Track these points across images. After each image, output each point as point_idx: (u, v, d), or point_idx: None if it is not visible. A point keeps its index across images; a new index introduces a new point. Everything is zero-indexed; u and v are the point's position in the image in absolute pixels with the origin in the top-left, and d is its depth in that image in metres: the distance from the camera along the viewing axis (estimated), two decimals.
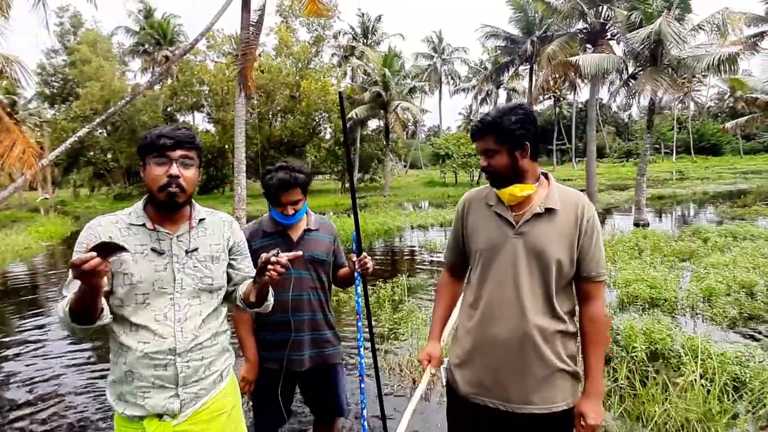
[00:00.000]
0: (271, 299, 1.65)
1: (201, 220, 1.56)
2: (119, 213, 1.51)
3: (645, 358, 3.80)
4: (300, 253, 1.54)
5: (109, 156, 39.80)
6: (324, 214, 17.38)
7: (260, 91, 33.09)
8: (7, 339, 5.70)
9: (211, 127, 37.94)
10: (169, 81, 36.19)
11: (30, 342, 5.48)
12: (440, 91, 55.56)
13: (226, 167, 34.41)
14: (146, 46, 39.38)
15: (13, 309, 7.15)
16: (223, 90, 32.07)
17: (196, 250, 1.51)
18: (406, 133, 34.46)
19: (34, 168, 9.12)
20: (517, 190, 1.64)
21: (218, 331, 1.57)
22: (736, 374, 3.43)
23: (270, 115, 34.53)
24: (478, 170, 38.11)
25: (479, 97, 42.98)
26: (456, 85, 49.96)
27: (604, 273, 1.67)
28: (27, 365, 4.80)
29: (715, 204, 17.20)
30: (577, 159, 62.80)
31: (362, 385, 2.28)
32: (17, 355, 5.11)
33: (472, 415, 1.69)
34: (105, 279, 1.19)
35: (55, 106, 41.23)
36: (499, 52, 26.44)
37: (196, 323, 1.47)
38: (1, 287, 8.82)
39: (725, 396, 3.18)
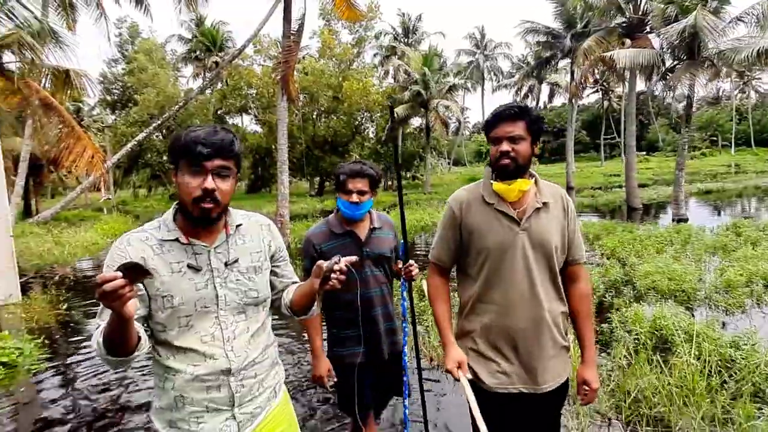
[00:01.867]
0: (316, 306, 1.56)
1: (238, 226, 1.45)
2: (147, 227, 1.38)
3: (648, 342, 4.09)
4: (355, 258, 1.44)
5: (165, 158, 41.99)
6: None
7: (304, 93, 34.10)
8: (83, 338, 6.52)
9: (258, 129, 39.39)
10: (219, 85, 37.77)
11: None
12: (483, 87, 55.15)
13: (273, 167, 35.63)
14: (197, 53, 41.27)
15: (80, 299, 8.06)
16: (269, 92, 33.21)
17: (236, 261, 1.40)
18: (449, 131, 34.50)
19: (100, 170, 10.11)
20: (524, 185, 1.74)
21: (267, 344, 1.50)
22: (730, 356, 3.68)
23: (314, 116, 35.48)
24: None
25: (521, 93, 42.39)
26: (498, 82, 49.50)
27: (585, 255, 1.88)
28: (89, 369, 5.03)
29: (764, 199, 16.57)
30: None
31: (406, 379, 2.37)
32: (91, 354, 5.87)
33: (500, 405, 1.74)
34: (133, 303, 1.07)
35: (116, 112, 43.93)
36: (539, 47, 26.19)
37: (246, 340, 1.39)
38: (73, 279, 9.85)
39: (716, 375, 3.45)
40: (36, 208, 27.24)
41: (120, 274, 0.99)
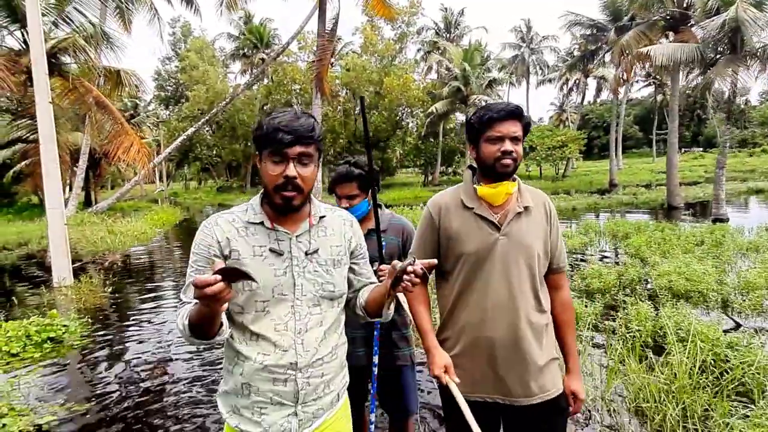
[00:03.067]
0: (392, 310, 1.46)
1: (321, 217, 1.45)
2: (235, 210, 1.41)
3: (648, 339, 4.13)
4: (434, 261, 1.41)
5: (213, 152, 43.66)
6: (400, 206, 18.16)
7: (346, 89, 34.61)
8: (127, 319, 7.08)
9: None
10: (265, 81, 38.87)
11: (145, 322, 6.72)
12: (528, 81, 53.99)
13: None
14: (245, 50, 42.54)
15: (126, 284, 8.70)
16: (311, 88, 33.96)
17: (316, 251, 1.39)
18: None
19: (145, 164, 10.81)
20: (510, 187, 1.69)
21: (338, 343, 1.46)
22: (725, 355, 3.68)
23: (355, 111, 35.97)
24: (564, 163, 36.90)
25: (566, 88, 41.26)
26: (544, 76, 48.31)
27: (567, 263, 1.84)
28: (141, 346, 5.39)
29: None
30: (683, 149, 57.75)
31: (374, 373, 2.19)
32: (133, 334, 6.41)
33: (473, 412, 1.63)
34: (224, 305, 1.09)
35: (169, 107, 46.06)
36: (583, 40, 25.50)
37: (318, 335, 1.36)
38: (121, 265, 10.60)
39: (708, 373, 3.48)
40: (95, 198, 29.04)
41: (219, 277, 1.00)
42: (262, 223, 1.36)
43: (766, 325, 4.88)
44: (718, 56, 12.24)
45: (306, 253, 1.37)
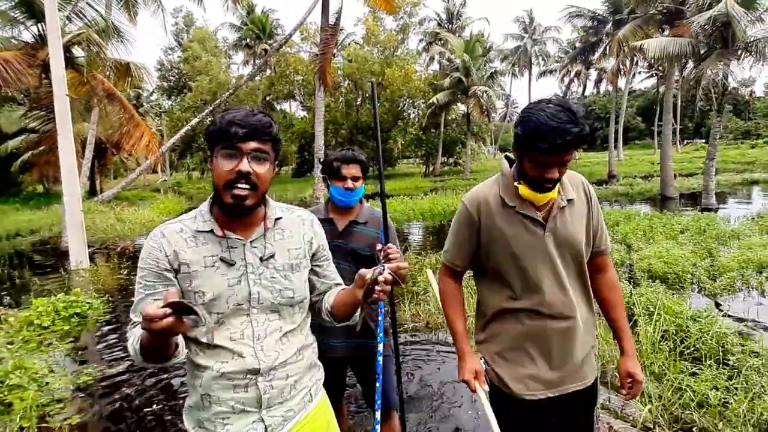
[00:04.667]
0: (359, 312, 1.39)
1: (277, 219, 1.37)
2: (184, 218, 1.33)
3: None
4: (406, 264, 1.37)
5: None
6: (401, 196, 18.57)
7: (348, 80, 34.88)
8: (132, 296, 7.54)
9: (305, 114, 40.58)
10: (268, 72, 39.08)
11: None
12: (530, 72, 54.14)
13: (319, 152, 36.77)
14: (248, 40, 42.67)
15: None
16: (314, 79, 34.23)
17: (272, 256, 1.33)
18: (491, 118, 34.40)
19: (156, 154, 11.24)
20: (554, 192, 1.62)
21: (303, 344, 1.40)
22: (687, 326, 4.13)
23: (357, 102, 36.24)
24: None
25: (566, 79, 41.46)
26: (546, 67, 48.48)
27: (609, 245, 1.80)
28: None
29: None
30: (685, 141, 57.67)
31: (378, 385, 2.10)
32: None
33: (527, 413, 1.65)
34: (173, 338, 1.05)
35: (172, 97, 46.29)
36: (584, 32, 25.75)
37: (277, 339, 1.31)
38: (132, 250, 11.06)
39: (670, 341, 3.93)
40: (100, 187, 29.48)
41: (169, 310, 0.97)
42: (212, 231, 1.28)
43: (743, 305, 5.33)
44: (710, 50, 12.57)
45: (261, 259, 1.30)
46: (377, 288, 1.23)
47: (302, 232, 1.42)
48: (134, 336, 1.19)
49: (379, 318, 2.17)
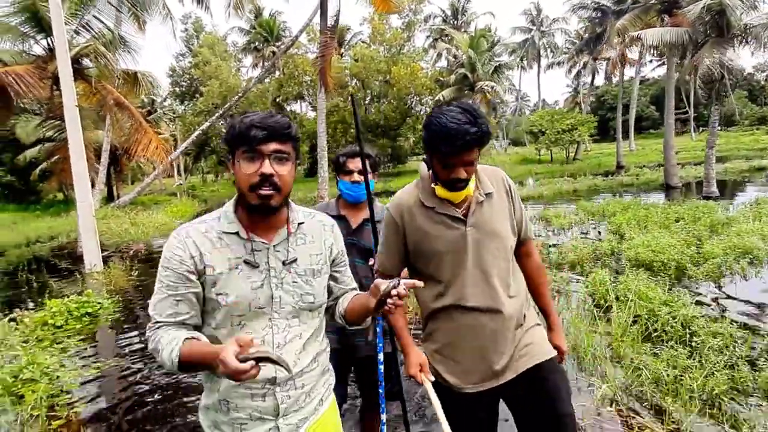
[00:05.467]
0: (369, 318, 1.46)
1: (300, 224, 1.38)
2: (208, 218, 1.33)
3: (601, 301, 4.75)
4: (421, 283, 1.33)
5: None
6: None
7: (356, 79, 35.13)
8: (142, 296, 7.88)
9: (315, 114, 40.92)
10: (276, 74, 39.51)
11: None
12: (539, 65, 53.83)
13: (330, 152, 37.09)
14: (256, 43, 43.18)
15: (149, 269, 9.53)
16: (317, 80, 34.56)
17: (294, 261, 1.33)
18: (498, 113, 34.42)
19: (164, 160, 11.63)
20: (470, 189, 1.66)
21: (319, 351, 1.42)
22: (658, 311, 4.30)
23: (365, 101, 36.46)
24: (574, 147, 36.92)
25: (574, 70, 41.18)
26: (554, 58, 48.18)
27: (533, 231, 2.13)
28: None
29: None
30: (701, 128, 56.55)
31: (381, 391, 2.12)
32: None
33: (469, 404, 1.69)
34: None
35: (185, 102, 47.08)
36: (589, 23, 25.63)
37: (297, 348, 1.32)
38: (145, 253, 11.47)
39: (642, 325, 4.11)
40: (117, 193, 30.21)
41: (253, 363, 1.01)
42: (237, 233, 1.29)
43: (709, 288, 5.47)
44: (706, 39, 12.53)
45: (284, 263, 1.31)
46: (389, 301, 1.23)
47: (323, 237, 1.43)
48: (164, 342, 1.20)
49: (378, 319, 2.18)
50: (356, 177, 2.24)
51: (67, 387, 4.04)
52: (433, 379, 1.71)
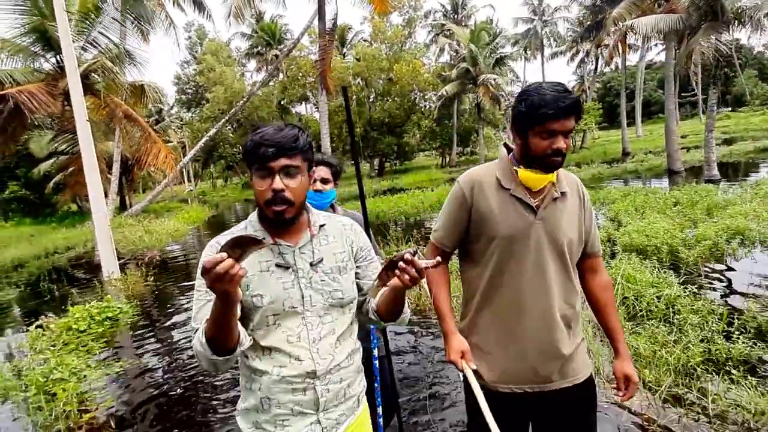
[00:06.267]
0: (407, 310, 1.49)
1: (321, 226, 1.45)
2: (236, 229, 1.40)
3: None
4: (439, 259, 1.28)
5: (236, 150, 45.11)
6: (412, 190, 19.01)
7: (359, 78, 35.36)
8: (167, 303, 8.24)
9: (318, 116, 41.25)
10: (280, 77, 39.87)
11: (182, 304, 7.92)
12: (542, 54, 53.54)
13: (336, 151, 37.43)
14: (259, 48, 43.59)
15: (165, 275, 9.89)
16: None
17: (321, 261, 1.39)
18: (502, 105, 34.40)
19: (173, 168, 11.99)
20: (553, 176, 1.63)
21: (353, 348, 1.47)
22: (644, 292, 4.51)
23: (368, 100, 36.70)
24: (580, 135, 36.87)
25: (576, 59, 41.01)
26: (557, 47, 47.89)
27: (600, 248, 1.80)
28: (180, 321, 7.09)
29: None
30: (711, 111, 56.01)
31: (377, 385, 2.23)
32: (173, 313, 7.56)
33: (501, 404, 1.62)
34: (240, 290, 1.10)
35: (191, 109, 47.67)
36: (587, 11, 25.62)
37: (331, 342, 1.37)
38: (159, 259, 11.85)
39: (629, 306, 4.34)
40: (130, 202, 30.80)
41: (225, 255, 1.01)
42: (264, 240, 1.30)
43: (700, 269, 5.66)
44: (701, 23, 12.57)
45: (311, 264, 1.37)
46: (402, 266, 1.24)
47: (345, 235, 1.48)
48: (199, 333, 1.23)
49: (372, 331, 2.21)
50: (318, 186, 2.30)
51: (95, 385, 4.37)
52: (474, 367, 1.65)
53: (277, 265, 1.34)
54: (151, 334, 6.01)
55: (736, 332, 3.59)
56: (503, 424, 1.53)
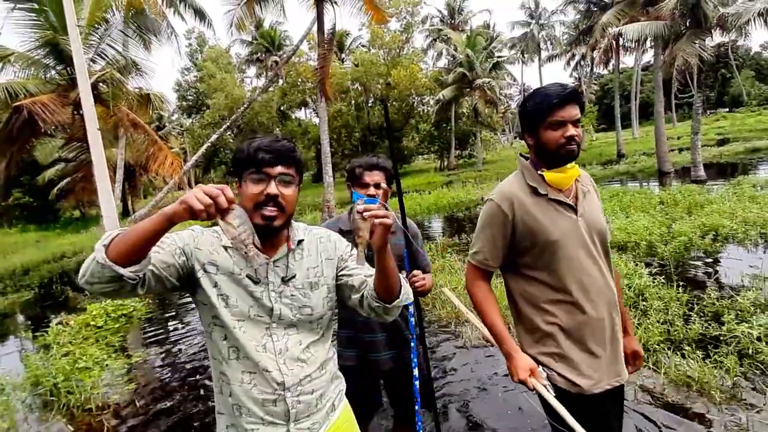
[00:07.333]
0: (406, 285, 1.43)
1: (300, 241, 1.44)
2: (218, 229, 1.37)
3: None
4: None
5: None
6: (409, 192, 19.40)
7: (357, 83, 35.87)
8: (176, 300, 8.66)
9: (318, 121, 41.72)
10: (280, 83, 40.33)
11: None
12: (539, 58, 54.07)
13: (335, 156, 37.86)
14: (258, 54, 44.06)
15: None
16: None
17: (293, 277, 1.38)
18: (498, 108, 34.89)
19: (179, 174, 12.43)
20: (577, 171, 1.68)
21: (326, 359, 1.46)
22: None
23: (368, 105, 37.19)
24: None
25: (572, 62, 41.53)
26: (554, 50, 48.41)
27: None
28: (189, 318, 7.55)
29: None
30: (708, 112, 56.23)
31: (416, 389, 2.19)
32: (182, 310, 7.98)
33: (597, 406, 1.60)
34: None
35: (192, 116, 48.13)
36: (579, 15, 26.15)
37: (298, 353, 1.36)
38: None
39: None
40: (133, 207, 31.23)
41: (222, 195, 1.05)
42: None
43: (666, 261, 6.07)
44: (685, 30, 13.02)
45: (283, 279, 1.36)
46: (366, 214, 1.22)
47: (319, 249, 1.46)
48: (105, 237, 1.15)
49: (410, 325, 2.20)
50: (372, 191, 2.13)
51: (117, 372, 4.80)
52: (546, 382, 1.61)
53: (248, 277, 1.34)
54: (162, 329, 6.43)
55: (695, 315, 4.01)
56: (609, 421, 1.63)
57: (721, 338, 3.65)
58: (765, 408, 2.88)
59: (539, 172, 1.67)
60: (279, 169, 1.30)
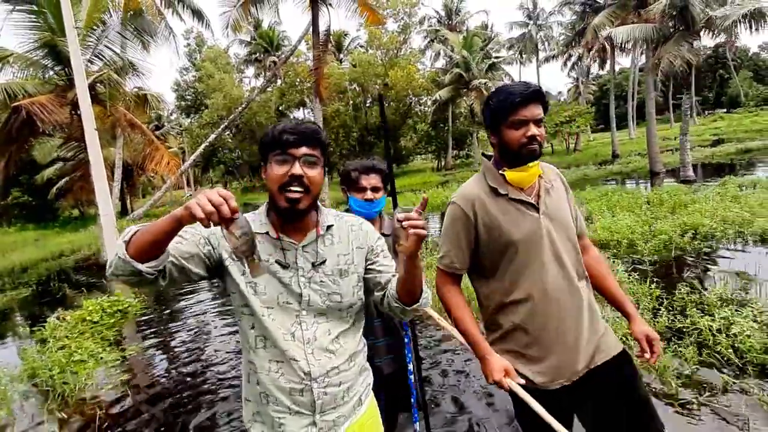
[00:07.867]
0: (428, 290, 1.41)
1: (329, 227, 1.42)
2: (248, 216, 1.35)
3: None
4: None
5: (235, 155, 45.70)
6: (403, 192, 19.60)
7: (355, 83, 36.05)
8: (172, 298, 8.82)
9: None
10: (278, 83, 40.50)
11: (186, 299, 8.50)
12: (537, 58, 54.26)
13: (333, 156, 38.03)
14: (257, 54, 44.24)
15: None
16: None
17: (323, 262, 1.36)
18: None
19: (175, 174, 12.62)
20: (538, 169, 1.68)
21: (355, 351, 1.44)
22: None
23: (365, 105, 37.37)
24: (574, 138, 37.52)
25: (569, 63, 41.74)
26: (551, 51, 48.62)
27: (585, 226, 1.84)
28: (184, 315, 7.74)
29: None
30: (706, 112, 56.32)
31: (413, 400, 2.22)
32: (177, 308, 8.16)
33: (550, 402, 1.58)
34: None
35: (191, 115, 48.30)
36: (575, 16, 26.36)
37: (326, 344, 1.35)
38: None
39: None
40: (131, 206, 31.41)
41: (235, 210, 1.04)
42: (267, 233, 1.35)
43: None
44: (674, 33, 13.22)
45: (313, 264, 1.35)
46: (405, 224, 1.19)
47: (350, 238, 1.44)
48: (126, 233, 1.17)
49: (405, 329, 2.22)
50: (369, 195, 2.14)
51: (111, 364, 4.98)
52: (522, 381, 1.62)
53: (277, 262, 1.33)
54: (156, 324, 6.61)
55: (663, 309, 4.19)
56: (567, 419, 1.59)
57: (684, 330, 3.83)
58: (718, 392, 3.07)
59: (501, 171, 1.67)
60: (303, 149, 1.29)
